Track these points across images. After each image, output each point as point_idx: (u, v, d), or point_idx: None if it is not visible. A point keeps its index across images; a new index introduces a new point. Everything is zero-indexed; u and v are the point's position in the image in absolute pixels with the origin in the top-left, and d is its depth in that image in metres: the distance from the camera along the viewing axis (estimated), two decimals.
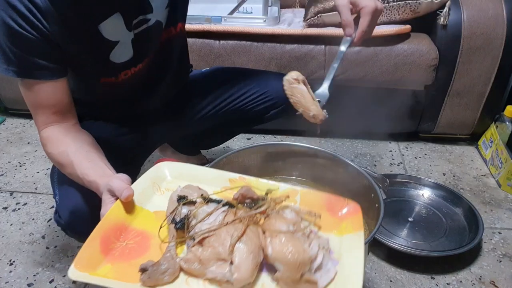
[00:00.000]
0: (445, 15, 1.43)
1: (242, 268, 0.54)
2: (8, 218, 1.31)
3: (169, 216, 0.62)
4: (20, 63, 0.75)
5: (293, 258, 0.55)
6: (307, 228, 0.62)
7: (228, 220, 0.60)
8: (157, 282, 0.54)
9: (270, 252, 0.56)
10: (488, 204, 1.37)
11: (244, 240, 0.57)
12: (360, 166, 0.90)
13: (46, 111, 0.80)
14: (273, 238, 0.57)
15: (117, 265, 0.57)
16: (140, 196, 0.67)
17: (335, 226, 0.67)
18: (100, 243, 0.58)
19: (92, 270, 0.55)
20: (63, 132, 0.81)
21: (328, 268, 0.58)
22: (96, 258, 0.57)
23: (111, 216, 0.62)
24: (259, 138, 1.72)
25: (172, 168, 0.75)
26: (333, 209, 0.70)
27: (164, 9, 0.90)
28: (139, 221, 0.65)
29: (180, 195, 0.64)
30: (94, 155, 0.77)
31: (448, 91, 1.53)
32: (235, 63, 1.52)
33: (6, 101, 1.81)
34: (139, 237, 0.62)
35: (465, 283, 1.09)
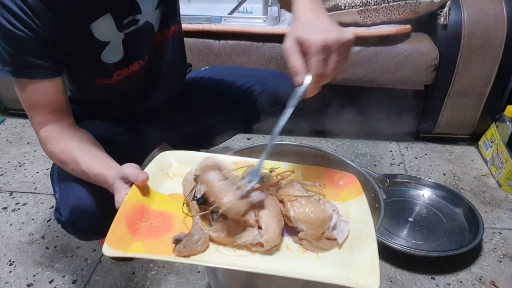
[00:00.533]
0: (445, 15, 1.43)
1: (270, 230, 0.59)
2: (8, 218, 1.31)
3: (189, 194, 0.66)
4: (15, 63, 0.75)
5: (315, 217, 0.61)
6: (317, 195, 0.68)
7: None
8: (191, 252, 0.57)
9: (292, 214, 0.62)
10: (488, 204, 1.37)
11: (267, 207, 0.62)
12: (360, 166, 0.90)
13: (42, 111, 0.80)
14: (293, 202, 0.63)
15: (146, 242, 0.60)
16: (152, 182, 0.70)
17: (337, 195, 0.74)
18: (126, 224, 0.60)
19: (125, 248, 0.57)
20: (61, 131, 0.81)
21: (342, 228, 0.64)
22: (125, 237, 0.59)
23: (131, 199, 0.64)
24: (259, 138, 1.72)
25: (176, 156, 0.79)
26: (332, 180, 0.77)
27: (154, 10, 0.90)
28: (157, 203, 0.68)
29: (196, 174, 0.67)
30: (97, 150, 0.79)
31: (448, 91, 1.53)
32: (235, 63, 1.52)
33: (6, 101, 1.81)
34: (161, 217, 0.65)
35: (465, 283, 1.08)
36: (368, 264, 0.57)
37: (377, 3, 1.46)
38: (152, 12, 0.90)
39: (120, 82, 0.92)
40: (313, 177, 0.77)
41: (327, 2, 1.49)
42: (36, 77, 0.77)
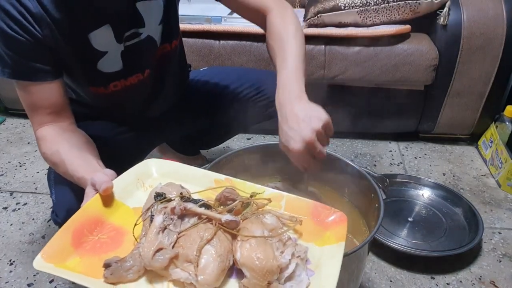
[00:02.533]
0: (445, 15, 1.43)
1: (207, 271, 0.52)
2: (8, 218, 1.31)
3: (144, 213, 0.61)
4: (14, 65, 0.76)
5: (260, 265, 0.53)
6: (286, 235, 0.60)
7: (201, 222, 0.58)
8: (120, 279, 0.53)
9: (238, 256, 0.54)
10: (488, 204, 1.37)
11: (213, 243, 0.55)
12: (360, 166, 0.90)
13: (41, 112, 0.80)
14: (244, 242, 0.55)
15: (86, 258, 0.56)
16: (122, 191, 0.66)
17: (317, 235, 0.64)
18: (72, 235, 0.57)
19: (60, 262, 0.54)
20: (57, 132, 0.81)
21: (301, 279, 0.55)
22: (66, 250, 0.56)
23: (88, 209, 0.61)
24: (259, 138, 1.72)
25: (159, 165, 0.74)
26: (318, 217, 0.67)
27: (157, 25, 0.91)
28: (116, 216, 0.64)
29: (158, 193, 0.63)
30: (87, 153, 0.77)
31: (448, 91, 1.53)
32: (235, 63, 1.52)
33: (6, 101, 1.81)
34: (114, 232, 0.61)
35: (465, 283, 1.09)
36: None
37: (377, 3, 1.46)
38: (156, 27, 0.91)
39: (116, 93, 0.92)
40: (298, 209, 0.67)
41: (327, 2, 1.49)
42: (36, 80, 0.78)
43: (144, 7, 0.87)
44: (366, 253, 0.83)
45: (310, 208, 0.68)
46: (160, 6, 0.90)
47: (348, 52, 1.49)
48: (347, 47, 1.49)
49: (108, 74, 0.89)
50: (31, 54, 0.76)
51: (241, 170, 0.93)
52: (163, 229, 0.56)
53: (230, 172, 0.89)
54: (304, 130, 0.70)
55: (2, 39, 0.74)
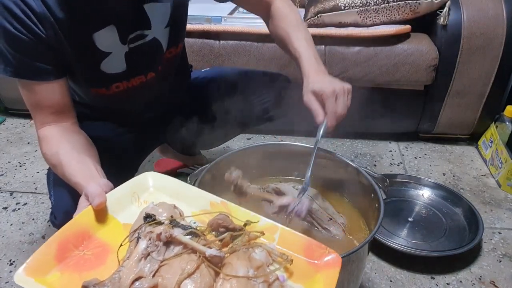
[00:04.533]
0: (445, 15, 1.43)
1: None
2: (8, 218, 1.31)
3: (131, 234, 0.59)
4: (17, 64, 0.76)
5: None
6: (274, 274, 0.56)
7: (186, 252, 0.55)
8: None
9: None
10: (488, 204, 1.37)
11: (194, 277, 0.52)
12: (360, 166, 0.90)
13: (43, 111, 0.80)
14: (225, 281, 0.52)
15: (66, 274, 0.55)
16: (115, 205, 0.65)
17: (308, 276, 0.60)
18: (57, 249, 0.56)
19: (41, 276, 0.53)
20: (59, 133, 0.80)
21: None
22: (48, 264, 0.55)
23: (77, 222, 0.60)
24: (259, 138, 1.72)
25: (157, 180, 0.72)
26: (311, 255, 0.62)
27: (164, 28, 0.90)
28: (105, 232, 0.62)
29: (147, 213, 0.61)
30: (85, 157, 0.76)
31: (448, 91, 1.53)
32: (235, 63, 1.52)
33: (6, 101, 1.81)
34: (100, 248, 0.59)
35: (465, 283, 1.09)
36: None
37: (377, 3, 1.46)
38: (162, 30, 0.90)
39: (118, 94, 0.92)
40: (291, 244, 0.63)
41: (327, 2, 1.49)
42: (38, 79, 0.78)
43: (152, 9, 0.86)
44: (366, 253, 0.83)
45: (304, 244, 0.64)
46: (167, 9, 0.89)
47: (348, 52, 1.49)
48: (347, 47, 1.49)
49: (111, 75, 0.88)
50: (34, 53, 0.75)
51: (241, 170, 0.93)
52: (146, 256, 0.54)
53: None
54: (338, 82, 0.82)
55: (5, 38, 0.73)
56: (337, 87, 0.80)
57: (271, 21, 0.96)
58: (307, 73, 0.84)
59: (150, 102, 1.04)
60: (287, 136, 1.69)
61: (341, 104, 0.80)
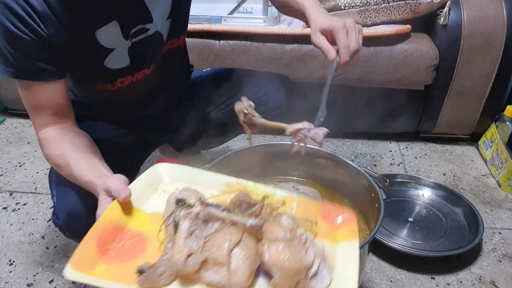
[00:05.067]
0: (445, 15, 1.43)
1: (239, 273, 0.55)
2: (8, 218, 1.31)
3: (167, 219, 0.62)
4: (18, 65, 0.75)
5: (289, 266, 0.55)
6: (303, 236, 0.62)
7: (225, 226, 0.60)
8: (154, 284, 0.54)
9: (267, 258, 0.56)
10: (488, 204, 1.37)
11: (241, 246, 0.57)
12: (360, 166, 0.90)
13: (44, 113, 0.80)
14: (270, 245, 0.58)
15: (113, 265, 0.57)
16: (137, 198, 0.67)
17: (330, 233, 0.67)
18: (97, 243, 0.58)
19: (89, 270, 0.55)
20: (61, 133, 0.80)
21: (323, 276, 0.58)
22: (92, 258, 0.57)
23: (108, 216, 0.62)
24: (259, 138, 1.72)
25: (169, 170, 0.74)
26: (328, 216, 0.70)
27: (165, 20, 0.90)
28: (135, 223, 0.64)
29: (178, 198, 0.64)
30: (92, 156, 0.77)
31: (448, 91, 1.53)
32: (235, 63, 1.52)
33: (6, 101, 1.81)
34: (136, 238, 0.62)
35: (465, 283, 1.08)
36: None
37: (377, 3, 1.46)
38: (163, 22, 0.90)
39: (123, 89, 0.92)
40: (309, 210, 0.70)
41: (327, 2, 1.49)
42: (39, 80, 0.77)
43: (152, 2, 0.86)
44: (366, 253, 0.83)
45: (320, 208, 0.71)
46: (168, 0, 0.89)
47: None
48: None
49: (115, 70, 0.88)
50: (36, 54, 0.75)
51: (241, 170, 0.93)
52: (189, 235, 0.58)
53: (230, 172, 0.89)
54: (345, 18, 0.80)
55: (6, 38, 0.73)
56: (347, 22, 0.79)
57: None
58: (313, 17, 0.84)
59: (151, 97, 1.03)
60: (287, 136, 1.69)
61: (353, 38, 0.79)
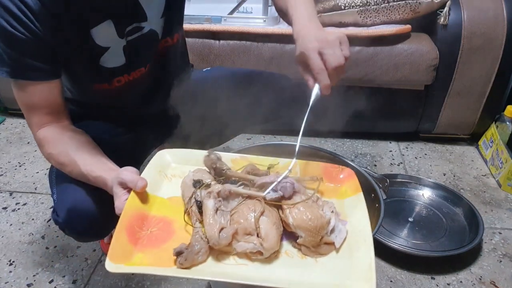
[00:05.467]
0: (445, 15, 1.43)
1: (269, 237, 0.59)
2: (8, 218, 1.31)
3: (189, 201, 0.66)
4: (13, 64, 0.75)
5: (313, 224, 0.61)
6: (315, 195, 0.68)
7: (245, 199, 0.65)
8: (193, 263, 0.58)
9: (291, 221, 0.62)
10: (488, 204, 1.37)
11: (265, 214, 0.62)
12: (360, 166, 0.90)
13: (39, 112, 0.80)
14: (292, 208, 0.63)
15: (148, 252, 0.60)
16: (151, 185, 0.69)
17: (335, 191, 0.74)
18: (127, 234, 0.60)
19: (127, 261, 0.57)
20: (59, 132, 0.80)
21: (340, 229, 0.64)
22: (127, 249, 0.59)
23: (130, 207, 0.64)
24: (259, 138, 1.72)
25: (174, 155, 0.79)
26: (330, 176, 0.77)
27: (159, 18, 0.90)
28: (156, 209, 0.67)
29: (195, 180, 0.68)
30: (95, 151, 0.78)
31: (448, 91, 1.53)
32: (235, 63, 1.52)
33: (6, 101, 1.81)
34: (161, 223, 0.65)
35: (465, 283, 1.08)
36: (365, 269, 0.59)
37: (377, 3, 1.46)
38: (158, 20, 0.90)
39: (120, 88, 0.92)
40: (312, 172, 0.77)
41: (327, 2, 1.49)
42: (34, 79, 0.77)
43: (147, 0, 0.86)
44: None
45: (322, 169, 0.78)
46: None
47: None
48: None
49: (111, 69, 0.88)
50: (31, 52, 0.75)
51: None
52: (216, 211, 0.62)
53: None
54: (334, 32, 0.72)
55: (1, 37, 0.73)
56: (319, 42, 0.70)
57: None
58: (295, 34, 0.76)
59: (149, 95, 1.03)
60: (287, 136, 1.69)
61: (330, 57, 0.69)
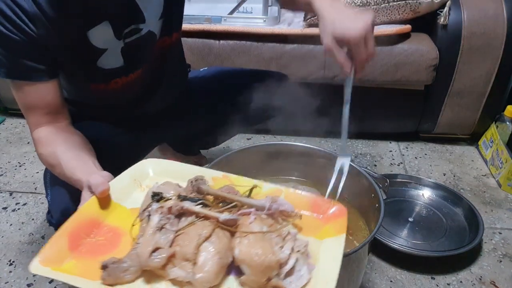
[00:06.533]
0: (445, 15, 1.43)
1: (206, 268, 0.52)
2: (8, 218, 1.31)
3: (141, 213, 0.61)
4: (9, 64, 0.76)
5: (259, 261, 0.52)
6: (285, 229, 0.59)
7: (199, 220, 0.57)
8: (117, 280, 0.52)
9: (237, 253, 0.54)
10: (488, 204, 1.37)
11: (211, 240, 0.54)
12: (360, 166, 0.90)
13: (37, 112, 0.80)
14: (242, 238, 0.55)
15: (82, 261, 0.56)
16: (119, 192, 0.66)
17: (317, 228, 0.64)
18: (68, 239, 0.57)
19: (56, 265, 0.54)
20: (54, 133, 0.80)
21: (301, 274, 0.54)
22: (62, 253, 0.56)
23: (84, 211, 0.61)
24: (259, 138, 1.72)
25: (155, 165, 0.74)
26: (318, 210, 0.67)
27: (158, 20, 0.90)
28: (113, 218, 0.63)
29: (154, 192, 0.63)
30: (83, 154, 0.76)
31: (448, 91, 1.53)
32: (235, 63, 1.52)
33: (6, 101, 1.81)
34: (111, 233, 0.61)
35: (465, 283, 1.08)
36: None
37: (377, 3, 1.46)
38: (156, 22, 0.90)
39: (117, 89, 0.92)
40: (297, 203, 0.65)
41: None
42: (31, 79, 0.77)
43: (144, 2, 0.86)
44: (366, 253, 0.83)
45: (310, 202, 0.68)
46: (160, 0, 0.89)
47: None
48: None
49: (109, 71, 0.88)
50: (26, 53, 0.75)
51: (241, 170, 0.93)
52: (160, 229, 0.56)
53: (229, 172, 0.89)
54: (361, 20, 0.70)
55: None
56: (364, 29, 0.70)
57: None
58: (325, 14, 0.74)
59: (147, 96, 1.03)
60: (287, 136, 1.69)
61: (371, 46, 0.72)
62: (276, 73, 1.19)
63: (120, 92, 0.93)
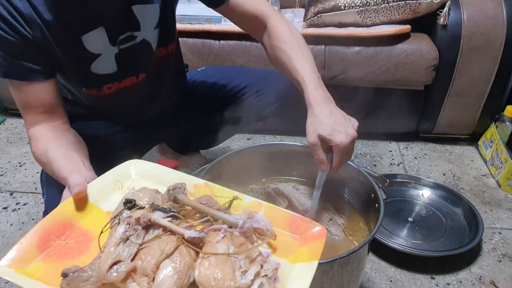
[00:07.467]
0: (445, 15, 1.43)
1: (163, 287, 0.49)
2: (8, 218, 1.31)
3: (112, 220, 0.59)
4: (7, 64, 0.76)
5: (216, 285, 0.49)
6: (257, 250, 0.55)
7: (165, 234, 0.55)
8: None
9: (196, 274, 0.51)
10: (488, 204, 1.37)
11: (173, 258, 0.52)
12: (360, 166, 0.90)
13: (33, 111, 0.80)
14: (204, 259, 0.52)
15: (49, 263, 0.55)
16: (98, 194, 0.65)
17: (292, 250, 0.60)
18: (38, 239, 0.56)
19: (22, 267, 0.53)
20: (48, 132, 0.80)
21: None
22: (30, 254, 0.55)
23: (58, 212, 0.60)
24: (259, 138, 1.72)
25: (139, 167, 0.72)
26: (297, 230, 0.63)
27: (153, 29, 0.90)
28: (87, 220, 0.62)
29: (127, 199, 0.61)
30: (73, 152, 0.76)
31: (448, 91, 1.53)
32: (235, 63, 1.52)
33: (6, 101, 1.81)
34: (82, 237, 0.59)
35: (465, 283, 1.09)
36: None
37: (377, 3, 1.46)
38: (151, 31, 0.90)
39: (110, 95, 0.92)
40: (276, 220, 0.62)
41: (327, 2, 1.49)
42: (27, 79, 0.78)
43: (140, 10, 0.86)
44: (366, 253, 0.83)
45: (289, 220, 0.64)
46: (156, 10, 0.89)
47: (348, 52, 1.49)
48: (347, 47, 1.49)
49: (102, 76, 0.88)
50: (22, 54, 0.76)
51: (241, 170, 0.93)
52: (124, 240, 0.54)
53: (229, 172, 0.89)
54: (350, 127, 0.75)
55: None
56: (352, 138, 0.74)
57: (269, 41, 0.90)
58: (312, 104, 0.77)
59: (145, 103, 1.03)
60: (287, 136, 1.69)
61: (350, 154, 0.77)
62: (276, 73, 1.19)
63: (114, 99, 0.93)
